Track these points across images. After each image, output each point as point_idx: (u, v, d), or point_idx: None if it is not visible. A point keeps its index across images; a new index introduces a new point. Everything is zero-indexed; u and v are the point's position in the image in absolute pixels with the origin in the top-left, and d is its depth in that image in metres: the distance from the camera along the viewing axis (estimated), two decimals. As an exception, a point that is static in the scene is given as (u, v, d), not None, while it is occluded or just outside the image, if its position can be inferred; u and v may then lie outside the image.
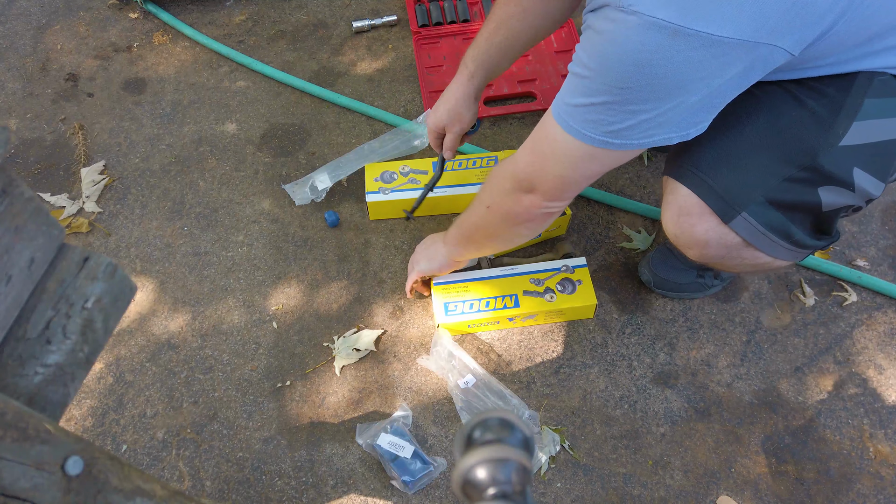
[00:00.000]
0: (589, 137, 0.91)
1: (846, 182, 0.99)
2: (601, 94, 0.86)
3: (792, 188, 1.00)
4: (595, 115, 0.89)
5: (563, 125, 0.94)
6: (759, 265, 1.11)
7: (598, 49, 0.85)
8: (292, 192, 1.56)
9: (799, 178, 0.99)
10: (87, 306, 0.68)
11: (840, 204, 1.02)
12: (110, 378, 1.35)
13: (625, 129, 0.89)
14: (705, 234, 1.06)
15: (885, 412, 1.28)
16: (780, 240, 1.04)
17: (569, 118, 0.92)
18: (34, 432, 0.59)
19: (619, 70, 0.83)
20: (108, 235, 1.54)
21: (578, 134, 0.92)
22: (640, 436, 1.26)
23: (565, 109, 0.93)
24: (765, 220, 1.02)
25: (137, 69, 1.85)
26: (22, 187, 0.64)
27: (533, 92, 1.72)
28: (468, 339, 1.37)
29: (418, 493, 1.20)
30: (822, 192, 1.00)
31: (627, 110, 0.86)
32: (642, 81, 0.83)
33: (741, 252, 1.07)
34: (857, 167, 0.99)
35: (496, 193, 1.12)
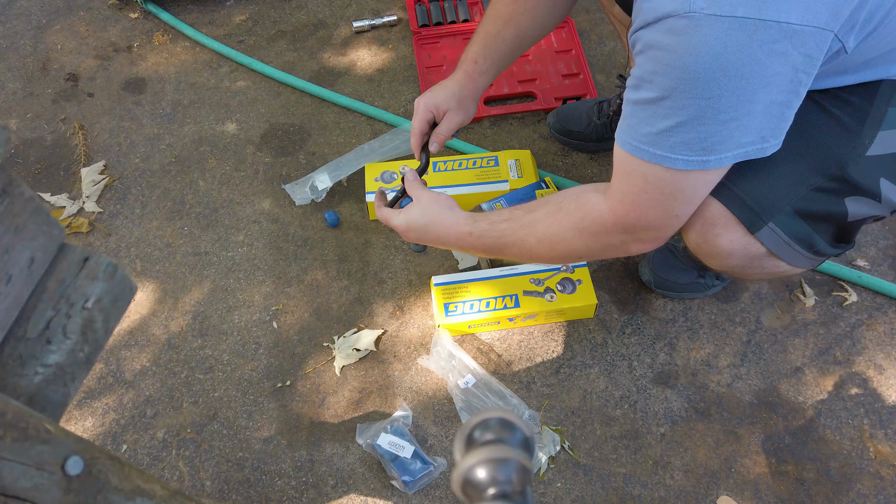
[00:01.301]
0: (683, 161, 0.85)
1: (873, 192, 0.98)
2: (687, 109, 0.81)
3: (819, 198, 0.98)
4: (685, 136, 0.83)
5: (649, 157, 0.87)
6: (777, 273, 1.09)
7: (673, 64, 0.79)
8: (292, 192, 1.56)
9: (827, 189, 0.98)
10: (87, 306, 0.68)
11: (866, 214, 1.01)
12: (110, 378, 1.35)
13: (718, 143, 0.84)
14: (729, 245, 1.03)
15: (885, 412, 1.28)
16: (803, 249, 1.03)
17: (655, 148, 0.86)
18: (34, 432, 0.59)
19: (705, 79, 0.78)
20: (108, 235, 1.54)
21: (671, 161, 0.86)
22: (640, 436, 1.26)
23: (648, 140, 0.86)
24: (791, 230, 1.00)
25: (137, 69, 1.85)
26: (22, 187, 0.64)
27: (533, 92, 1.72)
28: (468, 339, 1.37)
29: (418, 493, 1.20)
30: (849, 203, 0.99)
31: (719, 120, 0.81)
32: (730, 85, 0.78)
33: (763, 262, 1.05)
34: (884, 177, 0.98)
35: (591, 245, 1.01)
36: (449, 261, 1.47)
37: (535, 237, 1.03)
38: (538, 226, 1.03)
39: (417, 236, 1.13)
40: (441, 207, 1.11)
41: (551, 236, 1.02)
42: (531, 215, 1.05)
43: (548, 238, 1.02)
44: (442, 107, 1.19)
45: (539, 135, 1.67)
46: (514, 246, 1.06)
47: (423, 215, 1.12)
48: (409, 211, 1.12)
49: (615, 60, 1.81)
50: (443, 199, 1.13)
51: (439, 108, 1.19)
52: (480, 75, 1.20)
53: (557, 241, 1.02)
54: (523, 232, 1.04)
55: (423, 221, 1.12)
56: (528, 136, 1.67)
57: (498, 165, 1.53)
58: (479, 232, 1.09)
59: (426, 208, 1.12)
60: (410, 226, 1.12)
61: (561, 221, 1.01)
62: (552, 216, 1.02)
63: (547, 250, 1.04)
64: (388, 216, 1.15)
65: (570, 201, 1.01)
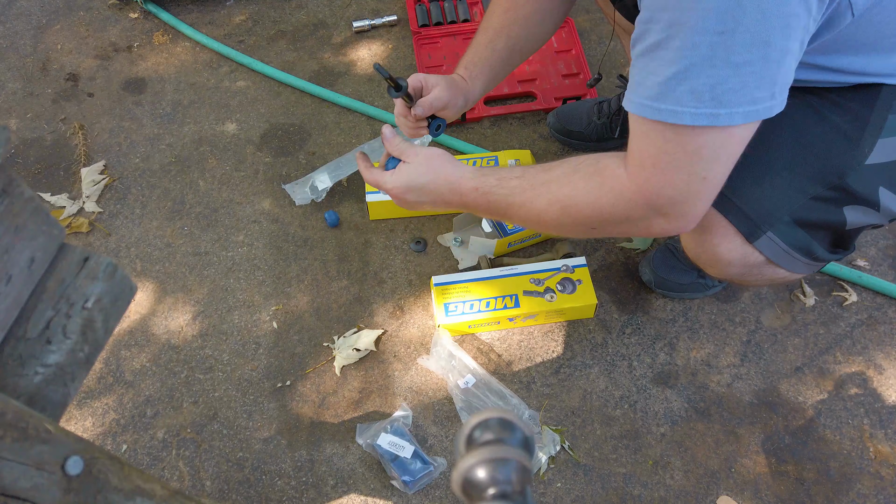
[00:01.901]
0: (690, 115, 0.77)
1: (872, 201, 0.96)
2: (697, 48, 0.73)
3: (818, 207, 0.97)
4: (693, 82, 0.75)
5: (654, 115, 0.79)
6: (777, 279, 1.08)
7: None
8: (292, 192, 1.56)
9: (825, 198, 0.96)
10: (87, 306, 0.68)
11: (864, 223, 1.00)
12: (110, 378, 1.35)
13: (730, 92, 0.75)
14: (728, 255, 1.02)
15: (885, 412, 1.28)
16: (802, 257, 1.02)
17: (661, 102, 0.78)
18: (34, 432, 0.59)
19: (719, 9, 0.70)
20: (108, 235, 1.54)
21: (677, 116, 0.77)
22: (640, 436, 1.26)
23: (654, 94, 0.78)
24: (790, 239, 0.99)
25: (137, 69, 1.85)
26: (22, 187, 0.64)
27: (533, 92, 1.72)
28: (468, 339, 1.37)
29: (418, 493, 1.20)
30: (848, 212, 0.98)
31: (732, 62, 0.73)
32: (747, 20, 0.70)
33: (762, 269, 1.04)
34: (883, 186, 0.96)
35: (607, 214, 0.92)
36: (449, 261, 1.47)
37: (545, 199, 0.95)
38: (551, 186, 0.95)
39: (415, 198, 1.05)
40: (442, 162, 1.03)
41: (563, 199, 0.94)
42: (546, 174, 0.96)
43: (559, 201, 0.94)
44: (431, 82, 1.14)
45: (539, 135, 1.67)
46: (522, 207, 0.98)
47: (422, 173, 1.03)
48: (405, 170, 1.03)
49: (615, 60, 1.81)
50: (441, 153, 1.05)
51: (428, 82, 1.14)
52: (471, 80, 1.18)
53: (570, 206, 0.93)
54: (534, 192, 0.96)
55: (423, 180, 1.03)
56: (528, 136, 1.67)
57: (498, 165, 1.53)
58: (486, 188, 1.00)
59: (424, 164, 1.03)
60: (409, 185, 1.03)
61: (576, 184, 0.92)
62: (567, 177, 0.94)
63: (557, 215, 0.95)
64: (378, 179, 1.07)
65: (589, 164, 0.93)
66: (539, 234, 1.46)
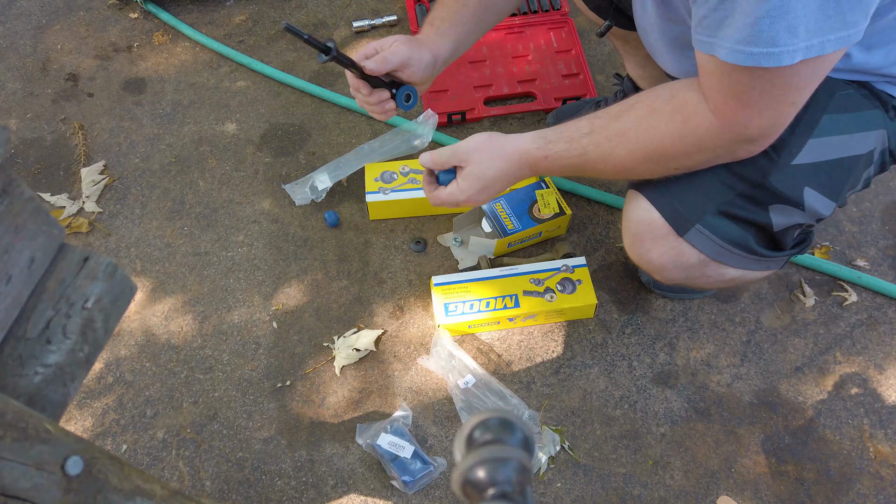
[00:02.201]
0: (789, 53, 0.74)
1: (796, 202, 0.96)
2: None
3: (743, 204, 0.97)
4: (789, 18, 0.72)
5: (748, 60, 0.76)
6: (731, 280, 1.07)
7: None
8: (292, 192, 1.56)
9: (750, 196, 0.96)
10: (87, 306, 0.68)
11: (791, 223, 0.99)
12: (110, 378, 1.35)
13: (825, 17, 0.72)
14: (661, 259, 1.03)
15: (885, 412, 1.28)
16: (740, 251, 1.00)
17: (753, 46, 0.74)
18: (34, 432, 0.59)
19: None
20: (108, 235, 1.54)
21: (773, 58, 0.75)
22: (640, 436, 1.26)
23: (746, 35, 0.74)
24: (721, 232, 0.98)
25: (137, 69, 1.85)
26: (22, 187, 0.64)
27: (533, 92, 1.72)
28: (468, 339, 1.37)
29: (418, 493, 1.20)
30: (773, 212, 0.97)
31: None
32: None
33: (704, 270, 1.03)
34: (809, 186, 0.96)
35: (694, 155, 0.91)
36: (449, 261, 1.47)
37: (625, 148, 0.92)
38: (629, 134, 0.91)
39: (490, 192, 1.01)
40: (499, 143, 0.99)
41: (646, 145, 0.91)
42: (618, 123, 0.92)
43: (642, 148, 0.91)
44: (388, 40, 1.06)
45: (539, 135, 1.67)
46: (600, 161, 0.95)
47: (488, 166, 0.99)
48: (468, 174, 1.00)
49: (615, 60, 1.81)
50: (488, 135, 1.00)
51: (384, 42, 1.05)
52: (438, 37, 1.10)
53: (653, 150, 0.91)
54: (610, 144, 0.93)
55: (492, 172, 0.99)
56: (528, 136, 1.67)
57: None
58: (557, 154, 0.96)
59: (484, 155, 0.99)
60: (482, 185, 0.99)
61: (657, 127, 0.89)
62: (645, 121, 0.90)
63: (639, 161, 0.93)
64: (447, 197, 1.03)
65: (665, 102, 0.89)
66: (539, 234, 1.46)
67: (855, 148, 0.97)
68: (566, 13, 1.86)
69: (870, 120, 0.97)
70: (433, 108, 1.64)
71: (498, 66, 1.76)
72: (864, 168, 1.01)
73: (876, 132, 0.98)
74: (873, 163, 1.02)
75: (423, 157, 1.05)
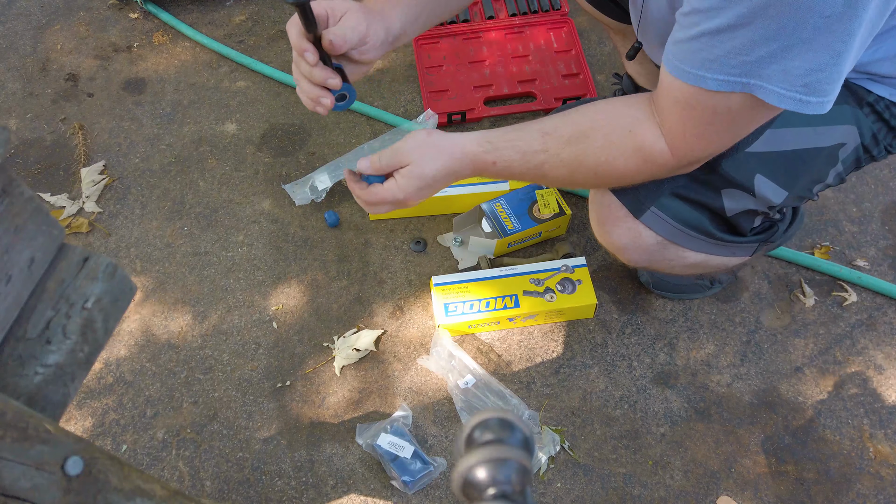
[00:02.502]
0: (777, 95, 0.75)
1: (746, 187, 0.97)
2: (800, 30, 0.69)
3: (696, 188, 0.99)
4: (788, 63, 0.72)
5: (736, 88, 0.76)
6: (695, 265, 1.08)
7: None
8: (292, 192, 1.56)
9: (702, 179, 0.98)
10: (87, 306, 0.68)
11: (742, 208, 1.01)
12: (110, 378, 1.35)
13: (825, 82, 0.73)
14: (620, 239, 1.05)
15: (885, 412, 1.28)
16: (697, 234, 1.02)
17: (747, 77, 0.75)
18: (34, 432, 0.59)
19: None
20: (108, 235, 1.54)
21: (763, 91, 0.75)
22: (640, 436, 1.26)
23: (737, 69, 0.75)
24: (675, 213, 1.00)
25: (137, 69, 1.85)
26: (22, 187, 0.64)
27: (533, 92, 1.72)
28: (468, 339, 1.37)
29: (418, 493, 1.20)
30: (725, 196, 0.99)
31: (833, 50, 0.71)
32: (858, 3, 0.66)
33: (664, 253, 1.05)
34: (760, 174, 0.97)
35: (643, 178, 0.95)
36: (449, 261, 1.47)
37: (583, 174, 0.94)
38: (587, 163, 0.92)
39: (430, 190, 0.96)
40: (441, 140, 0.94)
41: (605, 175, 0.94)
42: (573, 148, 0.92)
43: (601, 175, 0.94)
44: (339, 8, 0.91)
45: (539, 135, 1.67)
46: (556, 180, 0.98)
47: (428, 163, 0.93)
48: (407, 172, 0.93)
49: (615, 60, 1.81)
50: (427, 132, 0.94)
51: (334, 7, 0.92)
52: (391, 7, 0.98)
53: (611, 179, 0.96)
54: (568, 169, 0.93)
55: (432, 170, 0.93)
56: (527, 136, 1.67)
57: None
58: (507, 162, 0.94)
59: (425, 152, 0.93)
60: (422, 184, 0.94)
61: (616, 160, 0.91)
62: (604, 152, 0.91)
63: (593, 181, 0.98)
64: (383, 195, 0.96)
65: (623, 136, 0.90)
66: (539, 234, 1.46)
67: (815, 140, 0.98)
68: (566, 13, 1.86)
69: (837, 114, 0.96)
70: (433, 109, 1.64)
71: (498, 66, 1.76)
72: (827, 162, 1.01)
73: (843, 127, 0.98)
74: (840, 160, 1.02)
75: (362, 162, 0.96)
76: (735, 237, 1.06)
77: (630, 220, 1.03)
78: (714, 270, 1.15)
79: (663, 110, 0.87)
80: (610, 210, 1.04)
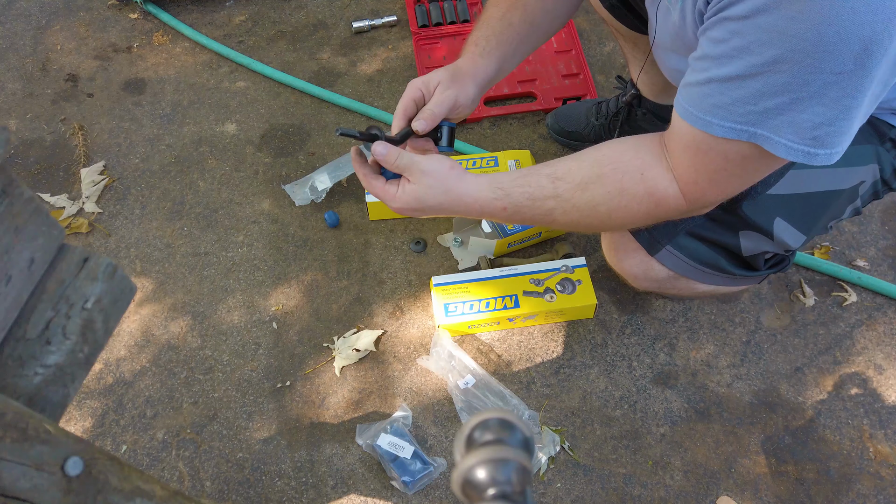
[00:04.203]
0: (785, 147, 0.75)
1: (765, 231, 0.97)
2: (809, 85, 0.69)
3: (714, 227, 0.98)
4: (796, 115, 0.72)
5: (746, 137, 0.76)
6: (703, 293, 1.10)
7: (798, 33, 0.66)
8: (292, 192, 1.56)
9: (721, 220, 0.97)
10: (87, 307, 0.68)
11: (759, 250, 1.00)
12: (110, 378, 1.35)
13: (834, 135, 0.73)
14: (632, 269, 1.06)
15: (885, 412, 1.28)
16: (711, 270, 1.02)
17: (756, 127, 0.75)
18: (34, 433, 0.59)
19: (841, 50, 0.65)
20: (108, 236, 1.54)
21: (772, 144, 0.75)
22: (640, 436, 1.26)
23: (746, 119, 0.75)
24: (690, 253, 0.99)
25: (137, 69, 1.85)
26: (22, 187, 0.64)
27: (533, 92, 1.72)
28: (468, 339, 1.37)
29: (418, 493, 1.20)
30: (742, 237, 0.98)
31: (842, 105, 0.71)
32: (870, 63, 0.67)
33: (675, 283, 1.06)
34: (780, 217, 0.96)
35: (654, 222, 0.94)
36: (449, 261, 1.47)
37: (596, 219, 0.92)
38: (600, 210, 0.91)
39: (427, 214, 0.97)
40: (454, 179, 0.94)
41: (617, 220, 0.92)
42: (585, 195, 0.90)
43: (613, 221, 0.92)
44: (432, 82, 1.01)
45: (539, 135, 1.67)
46: (567, 225, 0.95)
47: (434, 194, 0.93)
48: (411, 189, 0.94)
49: (615, 60, 1.81)
50: (447, 167, 0.94)
51: (429, 84, 1.01)
52: (482, 57, 1.05)
53: (624, 224, 0.94)
54: (579, 214, 0.92)
55: (436, 200, 0.93)
56: (527, 136, 1.67)
57: (498, 166, 1.53)
58: (517, 207, 0.93)
59: (435, 183, 0.93)
60: (421, 205, 0.94)
61: (629, 207, 0.89)
62: (615, 200, 0.89)
63: (604, 226, 0.98)
64: (383, 193, 0.96)
65: (635, 181, 0.88)
66: (539, 234, 1.46)
67: (837, 182, 0.97)
68: (566, 13, 1.86)
69: (860, 155, 0.95)
70: None
71: (498, 67, 1.76)
72: (847, 202, 1.01)
73: (864, 167, 0.97)
74: (860, 196, 1.02)
75: (378, 147, 0.95)
76: (748, 272, 1.05)
77: (643, 254, 1.02)
78: (725, 294, 1.14)
79: (674, 154, 0.85)
80: (622, 241, 1.04)
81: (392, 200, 0.96)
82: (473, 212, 0.96)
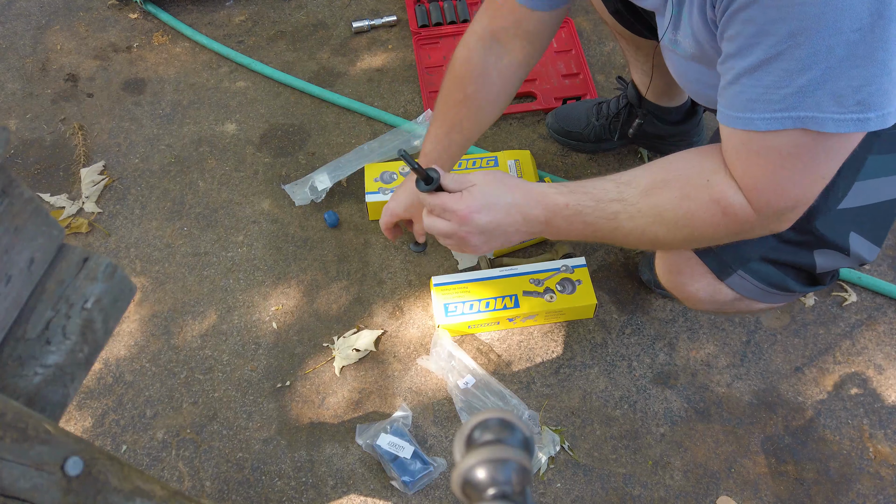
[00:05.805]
0: (834, 122, 0.72)
1: (841, 247, 0.95)
2: (835, 50, 0.68)
3: (788, 249, 0.96)
4: (833, 85, 0.70)
5: (792, 124, 0.73)
6: (756, 310, 1.10)
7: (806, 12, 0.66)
8: (292, 192, 1.56)
9: (794, 241, 0.95)
10: (86, 307, 0.68)
11: (834, 266, 0.99)
12: (110, 378, 1.35)
13: (878, 93, 0.70)
14: (697, 293, 1.03)
15: (885, 412, 1.28)
16: (776, 291, 1.01)
17: (798, 111, 0.72)
18: (34, 433, 0.59)
19: (854, 6, 0.65)
20: (107, 236, 1.54)
21: (818, 123, 0.73)
22: (640, 436, 1.26)
23: (784, 104, 0.73)
24: (762, 277, 0.98)
25: (137, 69, 1.85)
26: (22, 187, 0.64)
27: (533, 92, 1.72)
28: (468, 339, 1.37)
29: (418, 493, 1.20)
30: (818, 255, 0.97)
31: (877, 59, 0.69)
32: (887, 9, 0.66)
33: (735, 304, 1.05)
34: (854, 231, 0.94)
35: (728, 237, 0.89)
36: (449, 261, 1.47)
37: (663, 227, 0.88)
38: (666, 216, 0.87)
39: (490, 219, 0.90)
40: (516, 178, 0.93)
41: (685, 229, 0.88)
42: (651, 199, 0.87)
43: (680, 230, 0.88)
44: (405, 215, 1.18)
45: (539, 135, 1.67)
46: (632, 232, 0.90)
47: (500, 192, 0.89)
48: (477, 190, 0.89)
49: (615, 60, 1.81)
50: (502, 174, 0.92)
51: (403, 216, 1.19)
52: (435, 162, 1.17)
53: (692, 235, 0.89)
54: (645, 220, 0.88)
55: (504, 199, 0.89)
56: (527, 136, 1.67)
57: (497, 166, 1.53)
58: (580, 208, 0.89)
59: (498, 182, 0.90)
60: (486, 203, 0.89)
61: (695, 214, 0.86)
62: (682, 205, 0.86)
63: (678, 241, 0.91)
64: (444, 201, 0.90)
65: (700, 188, 0.85)
66: (539, 234, 1.46)
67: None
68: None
69: None
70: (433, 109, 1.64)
71: (498, 67, 1.76)
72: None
73: None
74: None
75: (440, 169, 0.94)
76: (811, 287, 1.03)
77: (711, 278, 0.99)
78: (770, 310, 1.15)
79: (730, 164, 0.83)
80: (688, 265, 1.00)
81: (455, 204, 0.89)
82: (535, 207, 0.90)
